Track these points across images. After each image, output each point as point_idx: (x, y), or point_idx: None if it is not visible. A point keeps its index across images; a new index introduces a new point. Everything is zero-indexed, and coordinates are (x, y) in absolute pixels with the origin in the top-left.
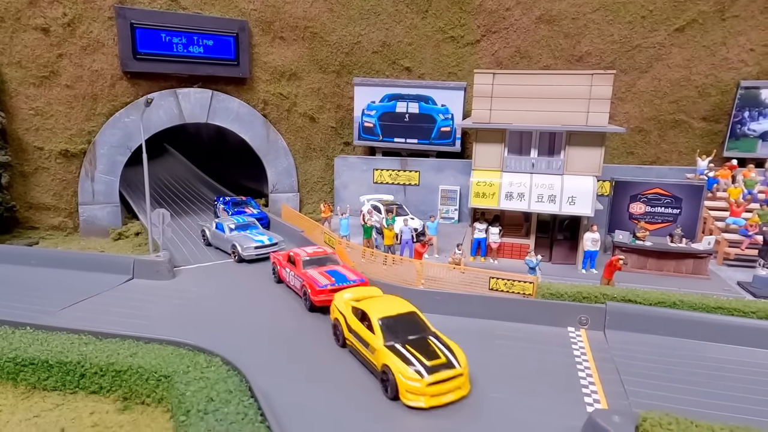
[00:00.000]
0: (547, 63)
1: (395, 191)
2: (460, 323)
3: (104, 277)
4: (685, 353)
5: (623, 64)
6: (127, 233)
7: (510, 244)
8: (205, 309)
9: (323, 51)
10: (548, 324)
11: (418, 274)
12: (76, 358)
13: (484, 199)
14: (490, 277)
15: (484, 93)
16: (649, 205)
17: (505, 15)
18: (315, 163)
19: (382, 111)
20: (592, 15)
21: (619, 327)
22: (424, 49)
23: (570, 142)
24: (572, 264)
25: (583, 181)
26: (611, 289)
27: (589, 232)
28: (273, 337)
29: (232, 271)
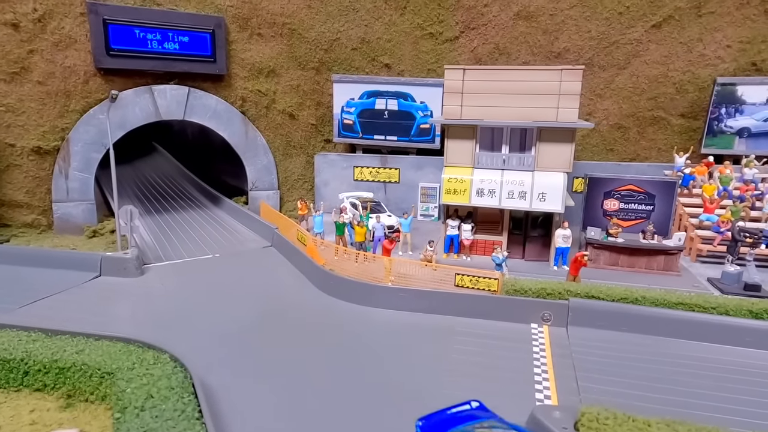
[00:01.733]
0: (526, 59)
1: (376, 189)
2: (421, 319)
3: (71, 274)
4: (644, 349)
5: (601, 60)
6: (102, 231)
7: (483, 241)
8: (167, 306)
9: (302, 47)
10: (511, 320)
11: (386, 271)
12: (20, 355)
13: (456, 195)
14: (455, 274)
15: (454, 89)
16: (622, 202)
17: (483, 11)
18: (295, 160)
19: (361, 108)
20: (569, 11)
21: (582, 323)
22: (403, 46)
23: (541, 138)
24: (545, 261)
25: (553, 177)
26: (575, 285)
27: (561, 229)
28: (230, 334)
29: (202, 268)
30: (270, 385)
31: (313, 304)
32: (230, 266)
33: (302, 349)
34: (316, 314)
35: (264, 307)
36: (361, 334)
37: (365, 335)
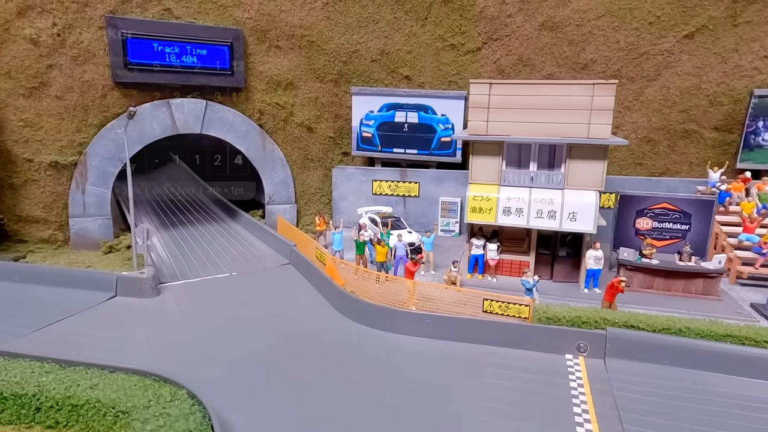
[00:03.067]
0: (551, 71)
1: (395, 203)
2: (448, 348)
3: (86, 294)
4: (691, 386)
5: (630, 72)
6: (118, 246)
7: (509, 261)
8: (184, 330)
9: (320, 60)
10: (544, 350)
11: (410, 295)
12: (32, 390)
13: (481, 214)
14: (483, 299)
15: (480, 104)
16: (656, 221)
17: (507, 22)
18: (312, 173)
19: (380, 121)
20: (597, 21)
21: (621, 355)
22: (424, 58)
23: (571, 155)
24: (575, 282)
25: (584, 196)
26: (612, 313)
27: (592, 250)
28: (249, 363)
29: (219, 287)
30: (292, 424)
31: (334, 329)
32: (248, 286)
33: (324, 382)
34: (338, 341)
35: (283, 332)
36: (386, 365)
37: (391, 366)
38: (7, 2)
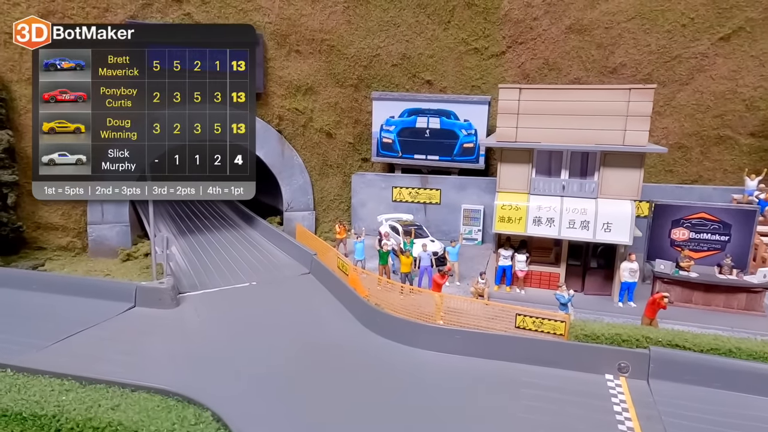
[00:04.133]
0: (578, 75)
1: (415, 210)
2: (481, 366)
3: (105, 305)
4: (748, 413)
5: (661, 76)
6: (136, 254)
7: (538, 272)
8: (204, 343)
9: (341, 64)
10: (582, 370)
11: (437, 309)
12: (52, 410)
13: (510, 224)
14: (516, 314)
15: (509, 109)
16: (693, 231)
17: (532, 25)
18: (331, 180)
19: (401, 126)
20: (627, 24)
21: (666, 376)
22: (446, 62)
23: (605, 162)
24: (607, 295)
25: (619, 205)
26: (654, 331)
27: (627, 262)
28: (272, 378)
29: (238, 298)
30: None
31: (358, 343)
32: (268, 296)
33: (348, 400)
34: (362, 356)
35: (306, 345)
36: (414, 383)
37: (419, 385)
38: (28, 8)
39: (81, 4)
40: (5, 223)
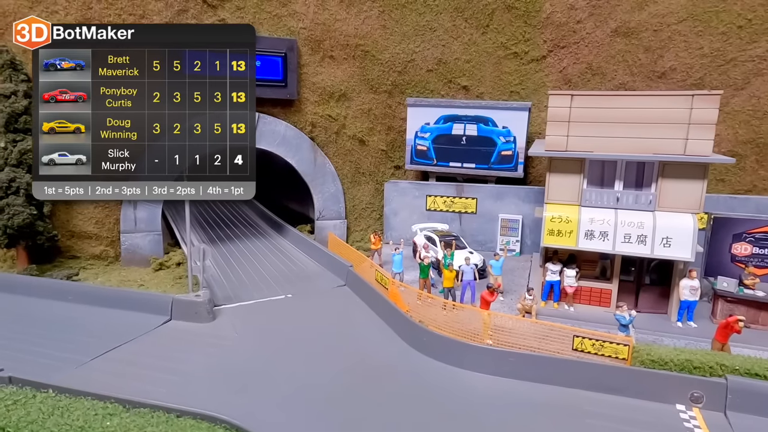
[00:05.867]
0: (623, 80)
1: (450, 219)
2: (538, 392)
3: (141, 318)
4: None
5: (714, 80)
6: (168, 263)
7: (588, 288)
8: (244, 361)
9: (374, 70)
10: (651, 399)
11: (484, 327)
12: None
13: (560, 237)
14: (574, 336)
15: (560, 117)
16: (757, 246)
17: (575, 28)
18: (363, 188)
19: (437, 133)
20: (677, 26)
21: (747, 409)
22: (484, 67)
23: (664, 173)
24: (662, 313)
25: (680, 218)
26: (729, 357)
27: (687, 279)
28: (315, 402)
29: (275, 311)
30: None
31: (405, 364)
32: (305, 310)
33: (396, 426)
34: (411, 378)
35: (350, 365)
36: (470, 411)
37: (476, 412)
38: (66, 16)
39: (117, 11)
40: (41, 232)
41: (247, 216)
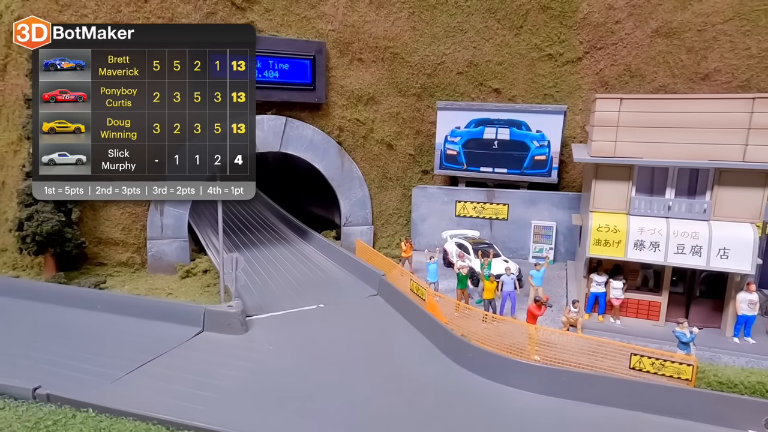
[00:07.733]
0: (663, 82)
1: (480, 226)
2: (594, 415)
3: (173, 329)
4: None
5: (762, 82)
6: (194, 270)
7: (635, 300)
8: (281, 377)
9: (403, 72)
10: (720, 424)
11: (531, 342)
12: None
13: (607, 247)
14: (631, 354)
15: (607, 122)
16: None
17: (614, 29)
18: (391, 193)
19: (467, 137)
20: (723, 26)
21: None
22: (517, 69)
23: (720, 180)
24: (716, 327)
25: (739, 229)
26: None
27: (745, 292)
28: (363, 424)
29: (308, 322)
30: None
31: (448, 380)
32: (338, 321)
33: None
34: (457, 396)
35: (391, 381)
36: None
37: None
38: (95, 19)
39: (146, 14)
40: (69, 238)
41: (269, 220)
